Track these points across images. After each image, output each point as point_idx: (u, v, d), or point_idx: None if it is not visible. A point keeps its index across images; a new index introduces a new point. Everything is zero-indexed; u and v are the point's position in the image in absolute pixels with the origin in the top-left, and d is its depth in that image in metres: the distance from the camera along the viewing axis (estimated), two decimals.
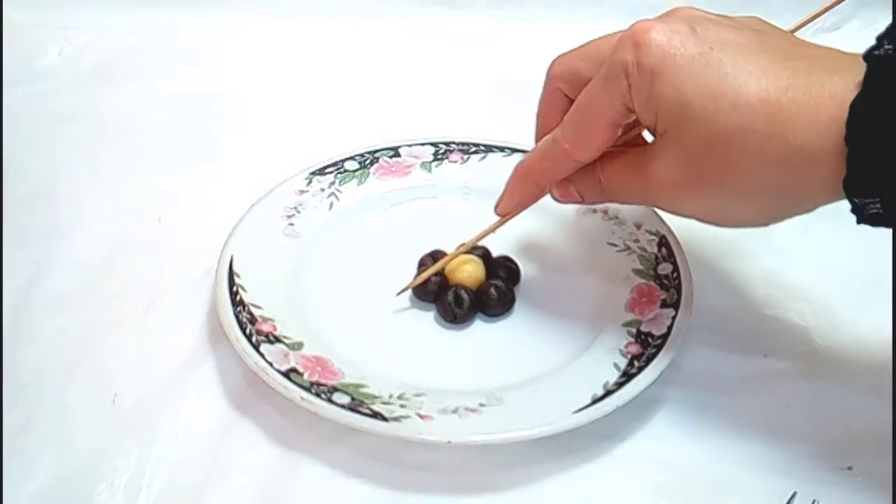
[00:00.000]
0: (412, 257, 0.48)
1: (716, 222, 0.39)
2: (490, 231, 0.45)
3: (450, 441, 0.38)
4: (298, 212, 0.50)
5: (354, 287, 0.47)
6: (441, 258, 0.47)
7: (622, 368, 0.41)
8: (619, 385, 0.40)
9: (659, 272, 0.46)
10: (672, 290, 0.45)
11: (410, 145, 0.54)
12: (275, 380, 0.39)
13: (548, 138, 0.41)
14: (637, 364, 0.41)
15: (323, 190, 0.51)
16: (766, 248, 0.50)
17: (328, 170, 0.52)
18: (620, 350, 0.42)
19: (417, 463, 0.39)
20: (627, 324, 0.44)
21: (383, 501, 0.38)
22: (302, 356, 0.41)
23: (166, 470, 0.39)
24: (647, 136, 0.40)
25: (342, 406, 0.38)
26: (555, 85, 0.41)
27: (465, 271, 0.46)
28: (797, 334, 0.46)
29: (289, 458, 0.40)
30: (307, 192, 0.51)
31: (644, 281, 0.46)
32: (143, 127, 0.60)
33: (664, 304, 0.44)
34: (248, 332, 0.42)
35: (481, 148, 0.54)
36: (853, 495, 0.39)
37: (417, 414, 0.39)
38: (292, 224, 0.49)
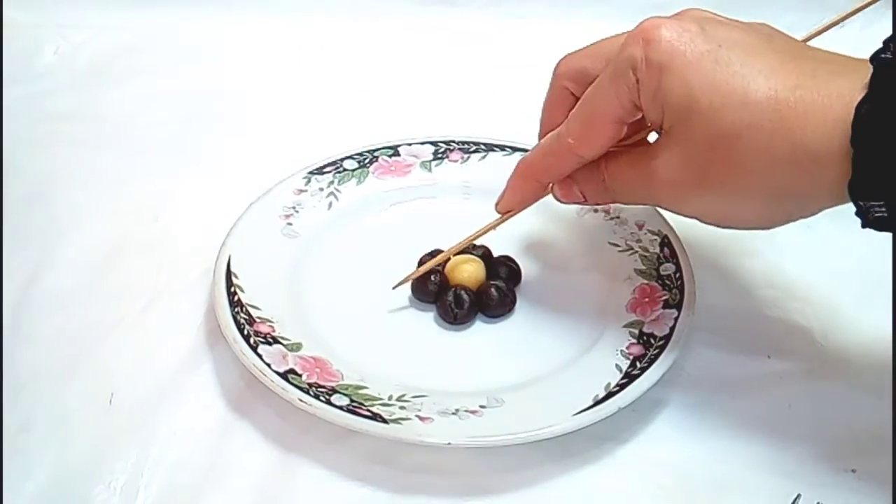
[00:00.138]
0: (412, 257, 0.47)
1: (718, 223, 0.38)
2: (490, 228, 0.45)
3: (450, 443, 0.37)
4: (297, 211, 0.50)
5: (354, 287, 0.47)
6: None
7: (624, 370, 0.41)
8: (621, 386, 0.40)
9: (661, 272, 0.46)
10: (674, 290, 0.45)
11: (410, 144, 0.54)
12: (273, 381, 0.39)
13: (552, 134, 0.40)
14: (639, 365, 0.41)
15: (322, 189, 0.51)
16: (768, 249, 0.50)
17: (327, 169, 0.52)
18: (622, 351, 0.42)
19: (417, 465, 0.39)
20: (629, 325, 0.44)
21: None
22: (300, 357, 0.41)
23: (164, 471, 0.39)
24: (651, 140, 0.40)
25: (341, 408, 0.38)
26: (561, 83, 0.41)
27: (466, 271, 0.46)
28: (800, 335, 0.46)
29: (287, 459, 0.40)
30: (306, 191, 0.51)
31: (646, 281, 0.46)
32: (141, 126, 0.60)
33: (666, 305, 0.44)
34: (245, 332, 0.41)
35: (482, 147, 0.54)
36: (856, 497, 0.38)
37: (417, 416, 0.39)
38: (291, 224, 0.49)
